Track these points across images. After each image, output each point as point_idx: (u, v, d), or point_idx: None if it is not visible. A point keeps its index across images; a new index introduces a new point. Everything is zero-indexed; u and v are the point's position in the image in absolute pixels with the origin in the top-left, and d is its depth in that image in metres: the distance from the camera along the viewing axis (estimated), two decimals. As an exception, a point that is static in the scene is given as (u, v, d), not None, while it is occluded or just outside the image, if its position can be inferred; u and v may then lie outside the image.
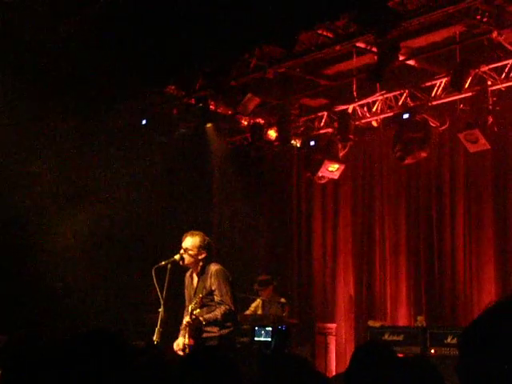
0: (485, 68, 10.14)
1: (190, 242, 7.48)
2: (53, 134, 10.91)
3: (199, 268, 7.51)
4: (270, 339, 4.73)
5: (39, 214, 11.00)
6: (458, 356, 1.77)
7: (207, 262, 7.51)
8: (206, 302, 7.38)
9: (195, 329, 7.31)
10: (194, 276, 7.59)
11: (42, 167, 10.95)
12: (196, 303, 7.22)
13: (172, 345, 7.47)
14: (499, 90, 10.30)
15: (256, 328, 4.85)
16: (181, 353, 7.32)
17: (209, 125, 12.29)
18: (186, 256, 7.47)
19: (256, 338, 5.04)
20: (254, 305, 11.14)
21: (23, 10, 9.65)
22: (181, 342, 7.35)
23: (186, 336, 7.29)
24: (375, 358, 3.36)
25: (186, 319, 7.28)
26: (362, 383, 3.29)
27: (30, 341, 3.77)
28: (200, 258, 7.47)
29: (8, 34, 9.95)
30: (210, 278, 7.40)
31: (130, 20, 9.68)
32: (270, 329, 4.78)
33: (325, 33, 9.77)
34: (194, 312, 7.21)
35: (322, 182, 12.44)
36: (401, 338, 9.74)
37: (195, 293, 7.48)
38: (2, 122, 10.53)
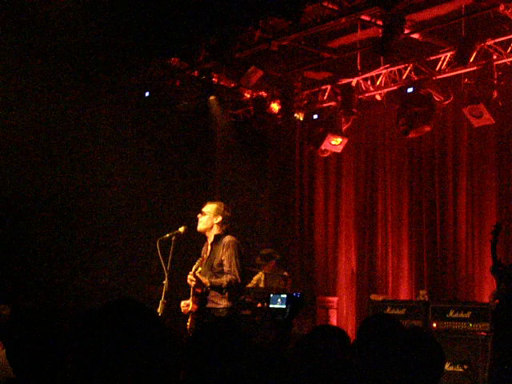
0: (490, 42, 10.07)
1: (209, 206, 7.68)
2: (57, 107, 10.87)
3: (212, 237, 7.57)
4: (284, 306, 4.75)
5: (50, 189, 11.02)
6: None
7: (222, 232, 7.57)
8: (216, 272, 7.44)
9: (201, 295, 7.37)
10: (208, 247, 7.66)
11: (46, 137, 10.95)
12: (199, 261, 7.32)
13: (176, 317, 7.53)
14: (504, 64, 10.24)
15: (271, 295, 4.88)
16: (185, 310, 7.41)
17: (212, 97, 12.23)
18: (202, 219, 7.57)
19: (271, 305, 5.07)
20: (255, 278, 11.16)
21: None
22: (187, 302, 7.42)
23: (191, 301, 7.37)
24: (381, 329, 3.37)
25: (189, 276, 7.35)
26: (368, 353, 3.30)
27: (39, 314, 3.69)
28: (215, 221, 7.57)
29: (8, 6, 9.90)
30: (223, 248, 7.48)
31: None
32: (285, 296, 4.81)
33: (330, 5, 9.68)
34: (196, 272, 7.29)
35: (325, 155, 12.43)
36: (403, 311, 9.78)
37: (206, 261, 7.56)
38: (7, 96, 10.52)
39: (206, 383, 3.24)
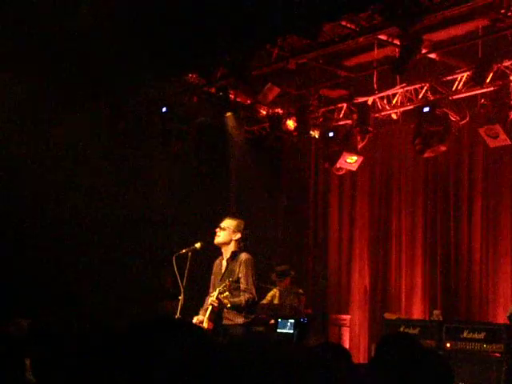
0: (507, 63, 10.10)
1: (229, 221, 7.70)
2: (73, 121, 10.93)
3: (229, 253, 7.59)
4: (292, 331, 4.78)
5: (59, 201, 11.07)
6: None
7: (239, 249, 7.59)
8: (231, 289, 7.45)
9: (216, 312, 7.38)
10: (224, 262, 7.67)
11: (63, 153, 11.02)
12: (225, 286, 7.30)
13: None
14: (521, 85, 10.27)
15: (279, 320, 4.91)
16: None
17: (228, 114, 12.29)
18: (221, 233, 7.62)
19: (279, 330, 5.10)
20: (270, 294, 11.16)
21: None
22: (201, 318, 7.41)
23: (206, 318, 7.35)
24: (401, 348, 3.38)
25: (212, 299, 7.33)
26: (386, 371, 3.30)
27: (57, 327, 3.69)
28: (234, 238, 7.60)
29: (28, 19, 9.98)
30: (240, 265, 7.49)
31: (153, 7, 9.68)
32: (292, 321, 4.84)
33: (348, 24, 9.73)
34: (221, 296, 7.27)
35: (340, 173, 12.46)
36: (416, 331, 9.75)
37: (222, 277, 7.56)
38: (22, 105, 10.60)
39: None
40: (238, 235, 7.63)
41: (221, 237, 7.65)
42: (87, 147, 11.32)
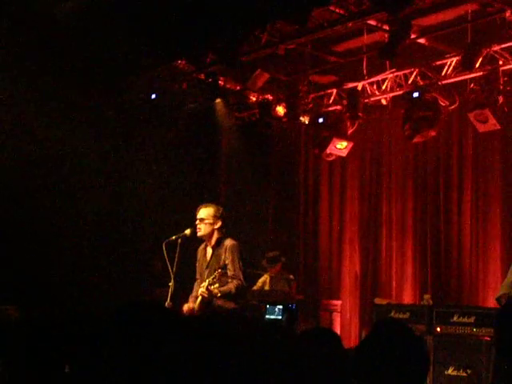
0: (496, 47, 10.09)
1: (205, 211, 7.58)
2: (63, 108, 10.90)
3: (214, 241, 7.58)
4: (280, 317, 4.78)
5: (49, 189, 11.05)
6: (496, 332, 1.80)
7: (223, 234, 7.58)
8: (220, 276, 7.45)
9: (207, 302, 7.38)
10: (208, 249, 7.66)
11: (50, 140, 10.99)
12: (214, 277, 7.28)
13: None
14: (510, 69, 10.25)
15: (268, 306, 4.91)
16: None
17: (218, 100, 12.27)
18: (201, 226, 7.56)
19: (267, 316, 5.09)
20: (261, 280, 11.18)
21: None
22: (191, 306, 7.41)
23: (197, 307, 7.36)
24: (392, 334, 3.39)
25: (202, 290, 7.32)
26: (374, 355, 3.31)
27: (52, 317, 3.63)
28: (216, 227, 7.56)
29: (18, 7, 9.94)
30: (225, 252, 7.48)
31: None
32: (280, 307, 4.84)
33: (337, 9, 9.71)
34: (211, 287, 7.26)
35: (330, 159, 12.46)
36: (407, 315, 9.75)
37: (208, 265, 7.56)
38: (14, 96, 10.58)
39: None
40: (219, 223, 7.57)
41: (202, 230, 7.58)
42: (75, 133, 11.28)
